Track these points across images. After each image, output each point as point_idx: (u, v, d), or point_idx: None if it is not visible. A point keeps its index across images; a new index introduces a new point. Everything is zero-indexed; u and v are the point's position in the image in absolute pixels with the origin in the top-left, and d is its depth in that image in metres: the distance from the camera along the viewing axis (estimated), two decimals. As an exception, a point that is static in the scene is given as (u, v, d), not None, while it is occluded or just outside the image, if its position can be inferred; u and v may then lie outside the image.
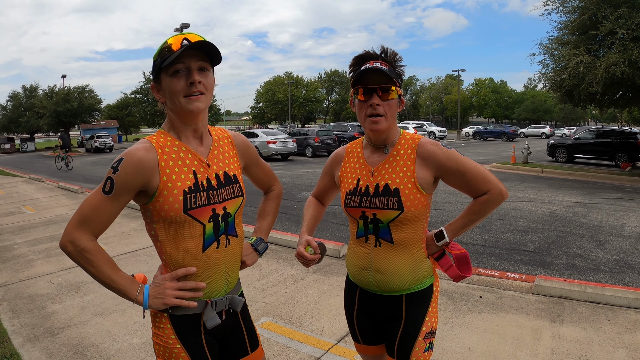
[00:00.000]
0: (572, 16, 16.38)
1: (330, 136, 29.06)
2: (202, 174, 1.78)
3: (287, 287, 5.58)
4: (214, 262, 1.81)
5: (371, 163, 2.08)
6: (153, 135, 1.78)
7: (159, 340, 1.80)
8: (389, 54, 2.02)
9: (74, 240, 1.66)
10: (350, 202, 2.08)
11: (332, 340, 4.21)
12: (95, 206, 1.68)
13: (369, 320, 2.20)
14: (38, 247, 7.90)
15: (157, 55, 1.72)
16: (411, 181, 1.96)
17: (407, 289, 2.05)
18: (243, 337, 2.00)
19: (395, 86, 1.95)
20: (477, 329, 4.37)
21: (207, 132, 1.88)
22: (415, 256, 2.04)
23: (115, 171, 1.65)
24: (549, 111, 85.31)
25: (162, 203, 1.69)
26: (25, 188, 16.98)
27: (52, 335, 4.43)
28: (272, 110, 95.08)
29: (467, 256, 2.06)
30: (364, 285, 2.13)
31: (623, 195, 12.83)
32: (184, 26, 32.20)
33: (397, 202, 1.95)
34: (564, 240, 7.78)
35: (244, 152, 2.04)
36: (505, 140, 46.41)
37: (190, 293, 1.76)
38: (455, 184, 2.03)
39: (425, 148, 2.00)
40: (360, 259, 2.10)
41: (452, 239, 2.07)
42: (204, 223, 1.75)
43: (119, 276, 1.72)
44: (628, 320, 4.48)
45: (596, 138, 22.36)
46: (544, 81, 18.24)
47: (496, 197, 1.99)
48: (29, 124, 50.03)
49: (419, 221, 2.01)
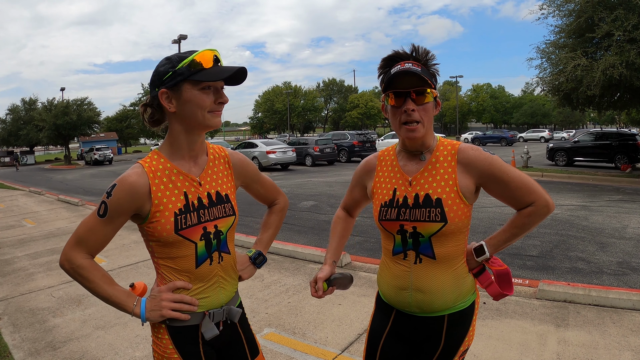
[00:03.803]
0: (568, 20, 16.44)
1: (330, 145, 29.04)
2: (193, 194, 1.82)
3: (289, 297, 5.55)
4: (208, 277, 1.85)
5: (408, 172, 1.92)
6: (146, 159, 1.82)
7: (158, 349, 1.84)
8: (420, 53, 1.86)
9: (70, 259, 1.75)
10: (386, 215, 1.91)
11: (336, 350, 4.18)
12: (90, 228, 1.76)
13: (401, 347, 2.01)
14: (38, 260, 7.87)
15: (183, 65, 1.70)
16: (454, 190, 1.82)
17: (449, 308, 1.89)
18: (243, 346, 2.02)
19: (430, 88, 1.81)
20: (482, 336, 4.33)
21: (203, 152, 1.92)
22: (457, 272, 1.89)
23: (109, 196, 1.73)
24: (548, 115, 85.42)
25: (154, 224, 1.74)
26: (25, 201, 16.99)
27: (53, 349, 4.39)
28: (271, 120, 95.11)
29: (508, 273, 1.91)
30: (401, 306, 1.96)
31: (624, 197, 12.82)
32: (182, 37, 32.25)
33: (440, 214, 1.80)
34: (567, 244, 7.76)
35: (240, 171, 2.05)
36: (505, 145, 46.49)
37: (186, 306, 1.80)
38: (497, 194, 1.88)
39: (467, 154, 1.85)
40: (398, 278, 1.93)
41: (493, 254, 1.92)
42: (195, 241, 1.80)
43: (116, 290, 1.79)
44: (633, 323, 4.45)
45: (595, 140, 22.36)
46: (542, 85, 18.27)
47: (542, 210, 1.83)
48: (28, 137, 50.09)
49: (461, 233, 1.87)
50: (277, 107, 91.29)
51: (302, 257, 7.11)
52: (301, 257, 7.12)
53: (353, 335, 4.42)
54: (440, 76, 1.94)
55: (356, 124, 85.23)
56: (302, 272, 6.51)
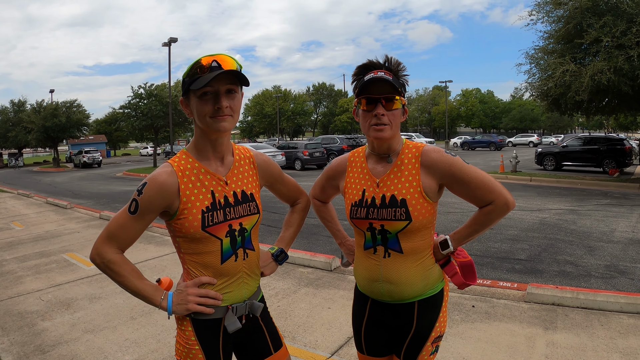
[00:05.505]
0: (557, 25, 16.56)
1: (319, 149, 29.06)
2: (219, 192, 1.90)
3: (279, 301, 5.54)
4: (232, 273, 1.93)
5: (376, 174, 2.06)
6: (175, 158, 1.91)
7: (181, 340, 1.93)
8: (392, 63, 2.00)
9: (101, 254, 1.83)
10: (356, 214, 2.05)
11: (326, 353, 4.18)
12: (121, 224, 1.84)
13: (380, 331, 2.17)
14: (27, 263, 7.81)
15: (186, 75, 1.81)
16: (417, 191, 1.95)
17: (419, 295, 2.04)
18: (265, 338, 2.10)
19: (399, 96, 1.95)
20: (471, 339, 4.36)
21: (229, 152, 2.00)
22: (424, 263, 2.03)
23: (140, 194, 1.81)
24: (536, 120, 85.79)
25: (182, 221, 1.83)
26: (14, 204, 16.87)
27: (42, 353, 4.36)
28: (260, 124, 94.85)
29: (472, 264, 2.06)
30: (375, 296, 2.11)
31: (612, 201, 12.93)
32: (172, 40, 32.13)
33: (405, 213, 1.94)
34: (555, 248, 7.81)
35: (265, 171, 2.13)
36: (494, 149, 46.74)
37: (211, 301, 1.88)
38: (459, 193, 2.01)
39: (429, 156, 1.98)
40: (370, 271, 2.08)
41: (457, 247, 2.06)
42: (221, 238, 1.87)
43: (144, 284, 1.88)
44: (621, 325, 4.49)
45: (583, 145, 22.58)
46: (531, 90, 18.44)
47: (501, 208, 1.96)
48: (17, 139, 49.65)
49: (426, 229, 2.01)
50: (266, 111, 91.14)
51: (292, 261, 7.09)
52: (290, 261, 7.07)
53: (343, 338, 4.43)
54: (409, 85, 2.11)
55: (346, 128, 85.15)
56: (291, 275, 6.50)
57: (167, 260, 7.54)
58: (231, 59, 1.81)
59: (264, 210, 2.31)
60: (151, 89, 37.53)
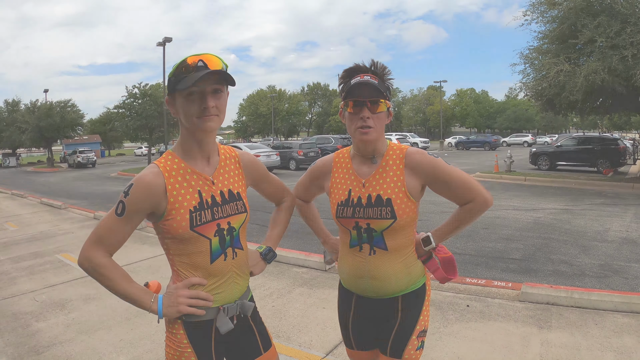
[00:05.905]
0: (551, 26, 16.60)
1: (314, 149, 29.06)
2: (206, 192, 1.89)
3: (273, 301, 5.54)
4: (222, 273, 1.92)
5: (361, 174, 2.12)
6: (161, 159, 1.90)
7: (171, 344, 1.91)
8: (378, 67, 2.06)
9: (89, 258, 1.81)
10: (342, 213, 2.11)
11: (321, 353, 4.18)
12: (109, 227, 1.82)
13: (366, 325, 2.22)
14: (21, 264, 7.77)
15: (172, 74, 1.80)
16: (402, 191, 2.02)
17: (402, 290, 2.11)
18: (255, 338, 2.09)
19: (384, 99, 2.00)
20: (466, 338, 4.37)
21: (215, 152, 1.99)
22: (407, 260, 2.11)
23: (127, 195, 1.79)
24: (531, 120, 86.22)
25: (170, 222, 1.82)
26: (8, 204, 16.80)
27: (37, 354, 4.35)
28: (255, 124, 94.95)
29: (452, 259, 2.17)
30: (360, 291, 2.18)
31: (606, 201, 12.98)
32: (167, 40, 32.10)
33: (390, 212, 2.01)
34: (549, 247, 7.84)
35: (250, 171, 2.14)
36: (488, 149, 46.80)
37: (202, 302, 1.87)
38: (441, 192, 2.10)
39: (413, 158, 2.05)
40: (355, 268, 2.14)
41: (439, 243, 2.17)
42: (209, 238, 1.87)
43: (134, 288, 1.85)
44: (615, 324, 4.51)
45: (578, 145, 22.65)
46: (525, 90, 18.44)
47: (480, 206, 2.08)
48: (11, 139, 49.43)
49: (410, 227, 2.09)
50: (261, 110, 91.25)
51: (286, 261, 7.08)
52: (285, 261, 7.06)
53: (337, 338, 4.42)
54: (394, 89, 2.12)
55: (340, 128, 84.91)
56: (286, 275, 6.50)
57: (161, 260, 7.52)
58: (217, 59, 1.81)
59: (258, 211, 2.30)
60: (145, 88, 37.37)
